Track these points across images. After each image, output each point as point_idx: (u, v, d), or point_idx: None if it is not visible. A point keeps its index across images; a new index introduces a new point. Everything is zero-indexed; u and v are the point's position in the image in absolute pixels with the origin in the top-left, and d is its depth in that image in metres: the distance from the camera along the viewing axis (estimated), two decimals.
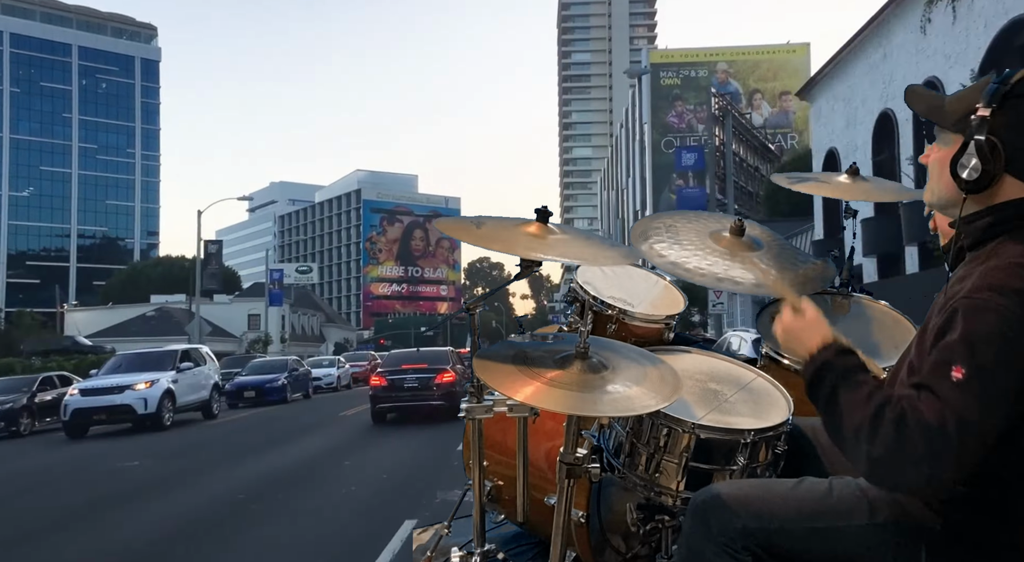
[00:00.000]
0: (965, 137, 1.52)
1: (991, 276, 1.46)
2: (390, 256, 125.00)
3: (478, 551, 2.14)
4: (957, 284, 1.52)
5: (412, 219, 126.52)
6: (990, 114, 1.49)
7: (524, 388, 1.69)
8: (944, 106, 1.63)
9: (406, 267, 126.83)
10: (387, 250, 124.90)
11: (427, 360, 16.70)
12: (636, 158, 65.23)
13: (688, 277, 2.03)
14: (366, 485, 8.61)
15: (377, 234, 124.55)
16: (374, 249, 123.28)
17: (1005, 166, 1.50)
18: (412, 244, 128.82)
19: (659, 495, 1.96)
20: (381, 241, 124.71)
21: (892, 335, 2.22)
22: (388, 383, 15.98)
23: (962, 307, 1.44)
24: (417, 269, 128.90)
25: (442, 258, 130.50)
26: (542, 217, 1.97)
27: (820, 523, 1.65)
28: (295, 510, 7.24)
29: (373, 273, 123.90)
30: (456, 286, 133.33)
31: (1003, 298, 1.41)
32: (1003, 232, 1.53)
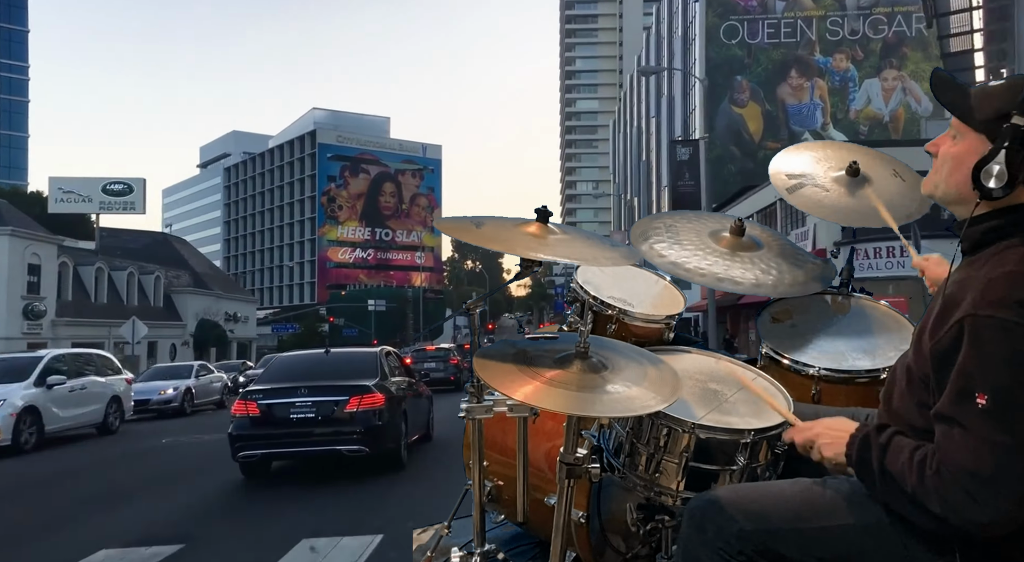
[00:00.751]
0: (995, 143, 1.69)
1: (991, 288, 1.62)
2: (353, 214, 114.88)
3: (478, 551, 2.45)
4: (956, 289, 1.69)
5: (381, 170, 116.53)
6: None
7: (524, 387, 1.95)
8: (971, 101, 1.77)
9: (373, 229, 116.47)
10: (349, 207, 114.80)
11: (336, 372, 11.13)
12: (678, 58, 58.04)
13: (688, 277, 2.30)
14: None
15: (337, 187, 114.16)
16: (332, 206, 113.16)
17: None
18: (381, 201, 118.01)
19: (659, 495, 2.22)
20: (342, 196, 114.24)
21: (892, 335, 2.50)
22: (261, 414, 10.30)
23: (968, 326, 1.61)
24: (387, 231, 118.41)
25: (418, 219, 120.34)
26: (542, 217, 2.27)
27: (816, 524, 1.85)
28: None
29: (331, 235, 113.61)
30: (435, 253, 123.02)
31: (1008, 312, 1.58)
32: (1006, 236, 1.72)
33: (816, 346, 2.45)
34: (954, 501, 1.58)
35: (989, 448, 1.55)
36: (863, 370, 2.39)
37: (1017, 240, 1.70)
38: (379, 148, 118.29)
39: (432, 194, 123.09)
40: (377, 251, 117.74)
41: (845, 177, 2.42)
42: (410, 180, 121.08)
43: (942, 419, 1.64)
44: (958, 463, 1.58)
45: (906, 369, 1.81)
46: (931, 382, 1.71)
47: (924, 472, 1.63)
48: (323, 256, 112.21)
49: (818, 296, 2.61)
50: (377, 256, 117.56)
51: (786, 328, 2.51)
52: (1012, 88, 1.72)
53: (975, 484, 1.56)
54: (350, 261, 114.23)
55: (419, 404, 13.06)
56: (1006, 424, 1.55)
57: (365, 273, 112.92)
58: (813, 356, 2.41)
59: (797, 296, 2.53)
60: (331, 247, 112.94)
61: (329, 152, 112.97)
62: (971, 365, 1.60)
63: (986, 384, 1.57)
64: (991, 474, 1.55)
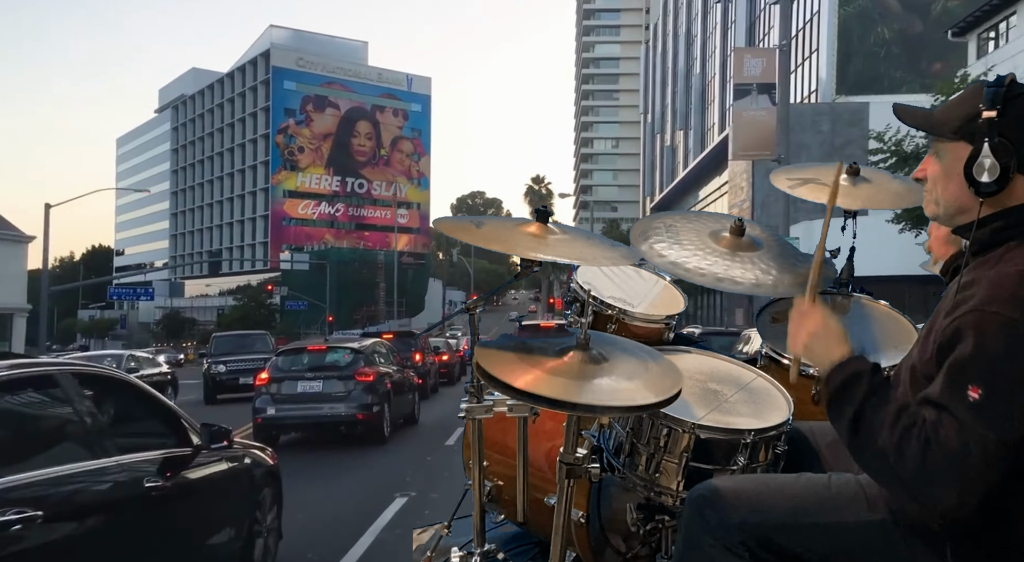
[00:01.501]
0: (976, 141, 1.95)
1: (1000, 286, 1.85)
2: (317, 160, 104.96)
3: (478, 551, 2.77)
4: (964, 290, 1.93)
5: (354, 105, 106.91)
6: (996, 116, 1.93)
7: (524, 375, 2.21)
8: (936, 117, 2.08)
9: (343, 179, 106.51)
10: (313, 151, 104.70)
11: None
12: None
13: (688, 277, 2.59)
14: None
15: (297, 124, 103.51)
16: (291, 147, 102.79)
17: (1018, 167, 1.92)
18: (353, 144, 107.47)
19: (659, 495, 2.53)
20: (303, 136, 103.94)
21: (892, 335, 2.84)
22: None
23: (972, 321, 1.83)
24: (361, 182, 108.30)
25: (401, 168, 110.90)
26: (542, 217, 2.60)
27: (817, 518, 2.11)
28: None
29: (288, 184, 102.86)
30: (421, 212, 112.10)
31: (1014, 310, 1.80)
32: (1013, 237, 1.97)
33: None
34: (930, 476, 1.81)
35: (977, 443, 1.77)
36: None
37: (1018, 242, 1.96)
38: (352, 77, 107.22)
39: (419, 138, 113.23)
40: (349, 206, 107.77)
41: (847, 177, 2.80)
42: (391, 119, 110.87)
43: (932, 404, 1.85)
44: (949, 447, 1.78)
45: (910, 369, 2.06)
46: (933, 379, 1.92)
47: (909, 438, 1.84)
48: (278, 211, 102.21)
49: (818, 296, 2.98)
50: (348, 212, 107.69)
51: (786, 328, 2.82)
52: (972, 91, 2.02)
53: (958, 472, 1.78)
54: (313, 217, 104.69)
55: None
56: (995, 420, 1.78)
57: (332, 233, 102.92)
58: None
59: (797, 296, 2.89)
60: (288, 200, 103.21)
61: (287, 79, 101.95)
62: (970, 357, 1.81)
63: (981, 378, 1.79)
64: (975, 467, 1.78)
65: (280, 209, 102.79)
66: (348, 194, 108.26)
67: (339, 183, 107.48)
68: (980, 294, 1.88)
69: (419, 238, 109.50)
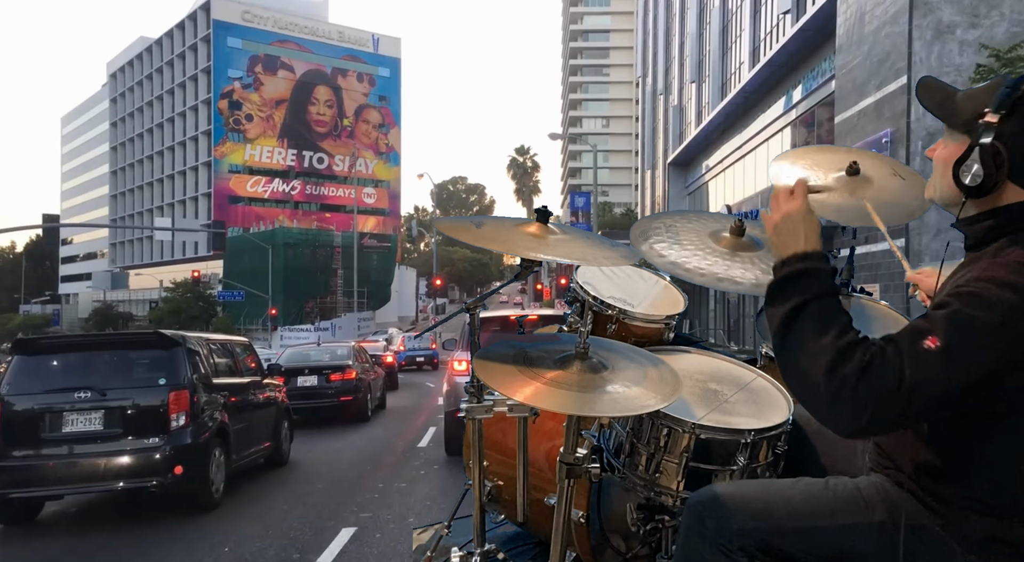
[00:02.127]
0: (971, 141, 2.11)
1: (991, 269, 2.02)
2: (269, 129, 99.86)
3: (478, 551, 3.04)
4: (956, 281, 2.09)
5: (312, 67, 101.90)
6: (998, 120, 2.07)
7: (524, 388, 2.42)
8: (955, 103, 2.21)
9: (300, 152, 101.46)
10: (263, 119, 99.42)
11: None
12: None
13: (688, 277, 2.85)
14: None
15: (244, 88, 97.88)
16: (236, 114, 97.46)
17: (1008, 174, 2.08)
18: (311, 112, 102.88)
19: (659, 495, 2.78)
20: (251, 102, 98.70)
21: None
22: None
23: (958, 292, 2.01)
24: (320, 156, 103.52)
25: (367, 141, 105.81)
26: (542, 217, 2.88)
27: (816, 523, 2.27)
28: None
29: (234, 157, 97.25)
30: (390, 191, 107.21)
31: (998, 289, 1.96)
32: (1006, 234, 2.12)
33: None
34: (852, 396, 1.96)
35: (910, 384, 1.92)
36: None
37: (1010, 240, 2.13)
38: (309, 36, 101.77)
39: (387, 107, 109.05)
40: (306, 184, 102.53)
41: (845, 177, 3.16)
42: (355, 85, 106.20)
43: (886, 339, 2.01)
44: (891, 370, 1.94)
45: None
46: None
47: (851, 355, 1.99)
48: (223, 188, 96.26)
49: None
50: (306, 191, 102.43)
51: None
52: (990, 88, 2.15)
53: (877, 401, 1.94)
54: (264, 196, 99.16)
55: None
56: (940, 376, 1.93)
57: (288, 214, 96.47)
58: None
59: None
60: (235, 176, 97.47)
61: (232, 36, 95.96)
62: (940, 316, 1.99)
63: (946, 335, 1.95)
64: (893, 403, 1.93)
65: (225, 186, 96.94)
66: (306, 170, 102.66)
67: (295, 157, 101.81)
68: (972, 275, 2.07)
69: (389, 221, 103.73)
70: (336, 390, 21.81)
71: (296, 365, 21.99)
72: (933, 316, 2.02)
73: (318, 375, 21.97)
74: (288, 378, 19.41)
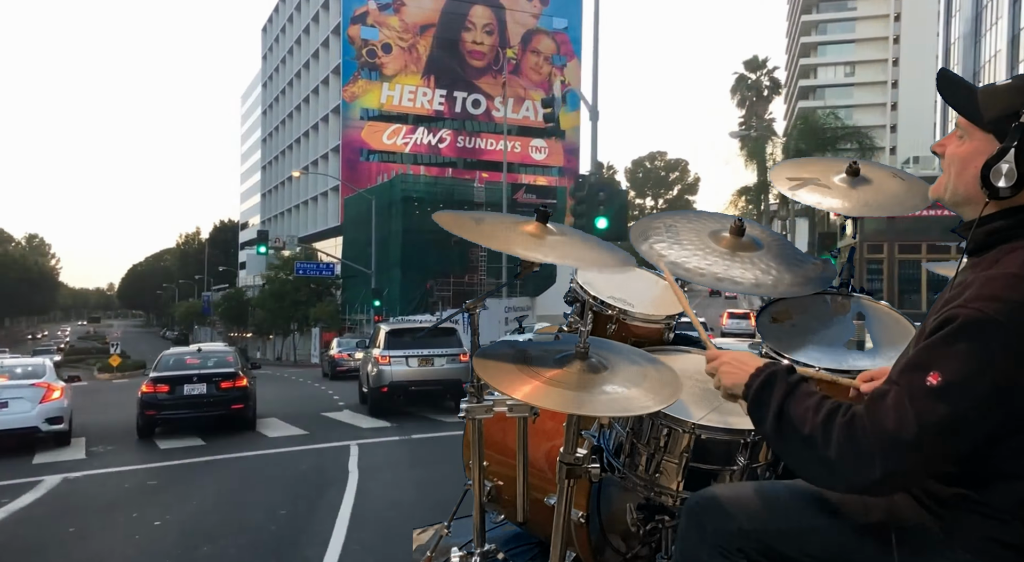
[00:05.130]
0: (1004, 142, 2.04)
1: (989, 287, 1.96)
2: (412, 64, 76.27)
3: (478, 551, 3.03)
4: (957, 290, 2.05)
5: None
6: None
7: (523, 387, 2.41)
8: (977, 101, 2.13)
9: (450, 93, 77.20)
10: (404, 50, 75.98)
11: None
12: None
13: (688, 277, 2.83)
14: None
15: (381, 9, 75.17)
16: (371, 44, 74.88)
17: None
18: (466, 40, 77.70)
19: (659, 495, 2.77)
20: (390, 28, 75.51)
21: (892, 335, 3.06)
22: None
23: (958, 315, 1.94)
24: (475, 98, 78.37)
25: (537, 78, 78.75)
26: (542, 217, 2.86)
27: (815, 524, 2.25)
28: None
29: (367, 100, 74.94)
30: (568, 146, 79.31)
31: (993, 309, 1.92)
32: (1008, 239, 2.09)
33: (816, 346, 3.01)
34: (855, 452, 1.93)
35: (918, 419, 1.89)
36: (863, 370, 2.83)
37: (1011, 244, 2.08)
38: None
39: (564, 33, 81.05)
40: (458, 134, 77.97)
41: (846, 177, 3.10)
42: (522, 4, 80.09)
43: (886, 381, 2.01)
44: (879, 421, 1.92)
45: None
46: None
47: (833, 418, 1.98)
48: (353, 139, 74.41)
49: (818, 296, 3.18)
50: (458, 143, 77.79)
51: (786, 328, 3.09)
52: (1020, 87, 2.09)
53: (886, 443, 1.91)
54: (404, 150, 75.47)
55: None
56: (946, 408, 1.89)
57: (435, 173, 70.64)
58: (813, 356, 2.95)
59: (797, 296, 3.10)
60: (368, 124, 74.77)
61: None
62: (941, 346, 1.94)
63: (947, 367, 1.91)
64: (909, 442, 1.89)
65: (356, 137, 74.68)
66: (457, 116, 78.38)
67: (443, 99, 77.76)
68: (969, 293, 2.00)
69: (563, 181, 70.15)
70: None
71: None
72: (932, 347, 1.98)
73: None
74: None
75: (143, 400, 18.41)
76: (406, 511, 9.30)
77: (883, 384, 2.02)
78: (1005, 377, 1.92)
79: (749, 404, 2.23)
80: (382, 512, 9.55)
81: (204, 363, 20.03)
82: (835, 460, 1.98)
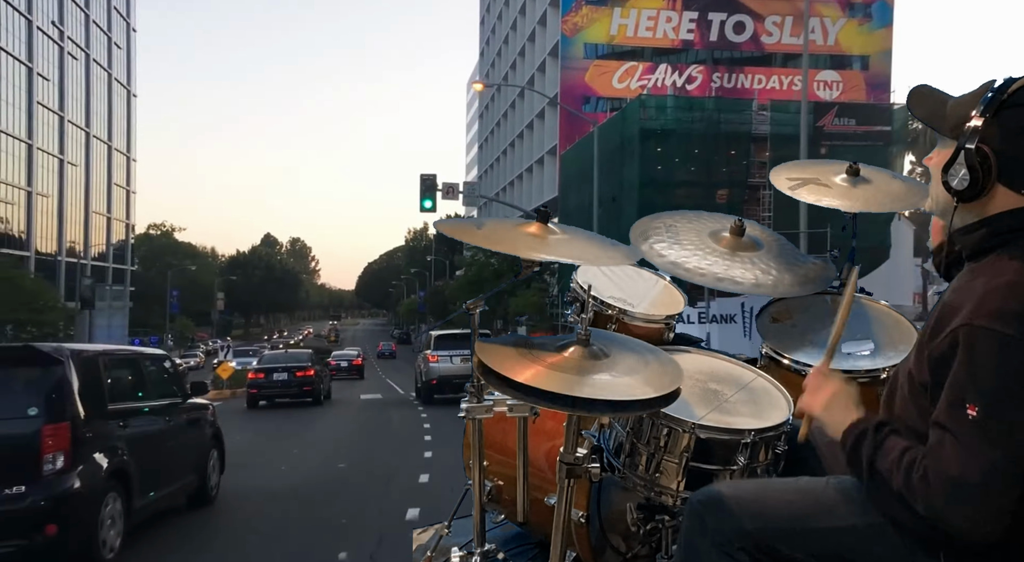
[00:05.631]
0: (957, 145, 2.13)
1: (987, 299, 2.00)
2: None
3: (478, 551, 3.02)
4: (955, 296, 2.10)
5: None
6: (983, 124, 2.08)
7: (525, 371, 2.41)
8: (946, 110, 2.23)
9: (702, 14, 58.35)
10: None
11: None
12: None
13: (688, 277, 2.85)
14: None
15: None
16: None
17: (997, 176, 2.08)
18: None
19: (659, 495, 2.77)
20: None
21: (892, 335, 3.08)
22: None
23: (963, 335, 1.98)
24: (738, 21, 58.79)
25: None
26: (543, 217, 2.84)
27: (816, 523, 2.27)
28: None
29: (593, 33, 58.83)
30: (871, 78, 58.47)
31: (1002, 324, 1.95)
32: (999, 245, 2.12)
33: (816, 346, 3.02)
34: (938, 506, 1.97)
35: (976, 460, 1.92)
36: (863, 370, 2.97)
37: (1016, 248, 2.10)
38: None
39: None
40: (712, 70, 59.06)
41: (847, 177, 3.11)
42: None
43: (936, 426, 2.02)
44: (945, 471, 1.95)
45: (908, 375, 2.24)
46: (929, 388, 2.11)
47: (911, 475, 2.01)
48: (574, 83, 58.28)
49: (818, 296, 3.19)
50: (711, 82, 58.49)
51: (786, 328, 3.10)
52: (978, 93, 2.16)
53: (960, 493, 1.93)
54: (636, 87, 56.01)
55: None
56: (994, 436, 1.93)
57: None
58: (813, 356, 2.97)
59: (797, 296, 3.12)
60: (594, 63, 59.00)
61: None
62: (964, 375, 1.98)
63: (977, 395, 1.95)
64: (976, 484, 1.92)
65: (578, 82, 58.50)
66: (712, 45, 59.32)
67: (693, 25, 58.69)
68: (968, 306, 2.04)
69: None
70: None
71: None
72: (957, 378, 2.03)
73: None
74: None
75: (249, 383, 30.86)
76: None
77: (934, 431, 2.05)
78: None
79: (847, 463, 2.29)
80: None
81: (288, 359, 32.08)
82: (925, 515, 2.04)
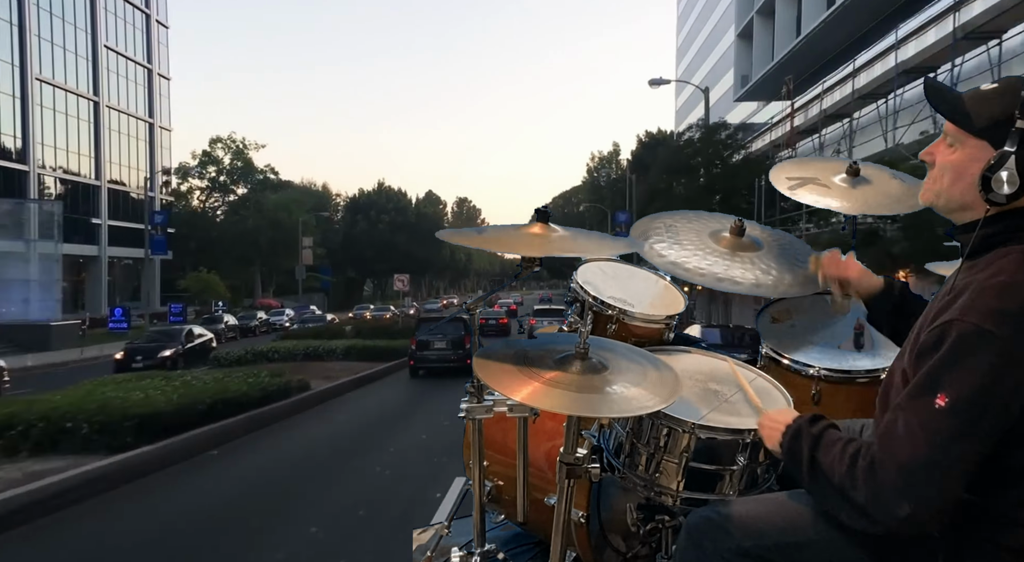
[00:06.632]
0: (1000, 149, 2.06)
1: (982, 297, 1.98)
2: None
3: (478, 551, 3.02)
4: (953, 293, 2.08)
5: None
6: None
7: (523, 388, 2.40)
8: (967, 108, 2.14)
9: None
10: None
11: None
12: None
13: (688, 277, 2.83)
14: None
15: None
16: None
17: None
18: None
19: (659, 495, 2.75)
20: None
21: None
22: None
23: (953, 329, 1.96)
24: None
25: None
26: (543, 217, 2.84)
27: (813, 535, 2.26)
28: None
29: None
30: None
31: (992, 323, 1.93)
32: (1004, 242, 2.10)
33: (816, 346, 3.02)
34: (879, 493, 1.97)
35: (929, 442, 1.92)
36: (863, 370, 2.96)
37: (1015, 247, 2.09)
38: None
39: None
40: None
41: (846, 177, 3.09)
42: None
43: (896, 409, 2.02)
44: (892, 454, 1.96)
45: (902, 371, 2.21)
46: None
47: (856, 462, 2.02)
48: None
49: (818, 296, 3.18)
50: None
51: (786, 328, 3.09)
52: (1009, 91, 2.09)
53: (904, 476, 1.94)
54: None
55: None
56: (956, 430, 1.92)
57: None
58: (813, 356, 2.97)
59: (797, 296, 3.11)
60: None
61: None
62: (943, 367, 1.96)
63: (952, 388, 1.93)
64: (922, 466, 1.93)
65: None
66: None
67: None
68: (962, 302, 2.02)
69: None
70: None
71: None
72: (934, 369, 2.00)
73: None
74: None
75: (409, 353, 31.28)
76: None
77: (891, 413, 2.04)
78: (1009, 390, 1.95)
79: (785, 463, 2.33)
80: None
81: (444, 331, 31.34)
82: (865, 504, 2.02)
